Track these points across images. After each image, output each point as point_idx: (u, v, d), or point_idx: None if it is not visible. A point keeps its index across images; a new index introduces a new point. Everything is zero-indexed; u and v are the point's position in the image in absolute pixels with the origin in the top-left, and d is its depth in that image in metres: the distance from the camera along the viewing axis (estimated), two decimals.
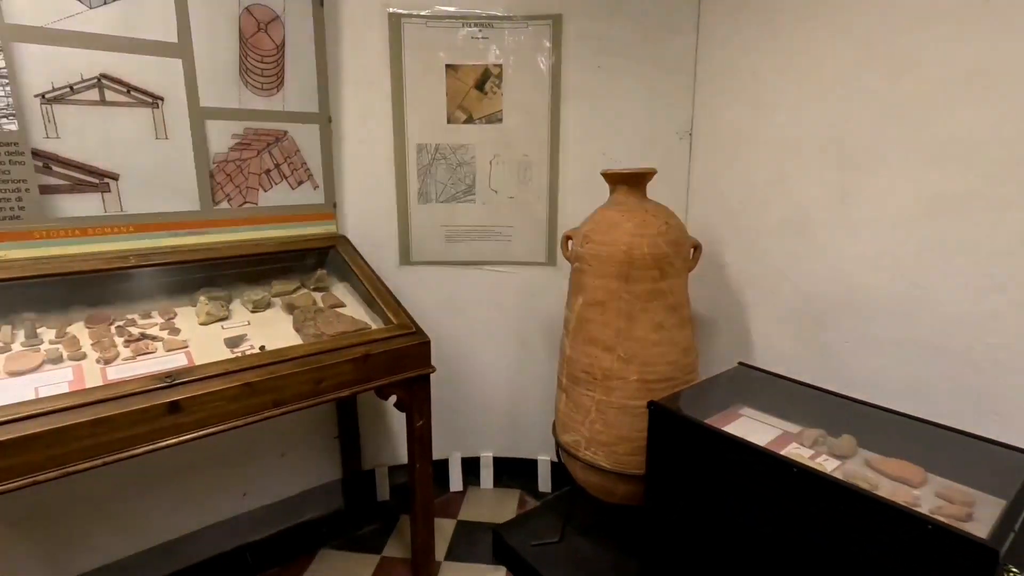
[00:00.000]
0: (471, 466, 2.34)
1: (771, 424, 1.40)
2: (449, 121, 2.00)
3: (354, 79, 1.90)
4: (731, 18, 1.79)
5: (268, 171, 1.77)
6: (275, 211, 1.80)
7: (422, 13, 1.90)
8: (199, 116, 1.61)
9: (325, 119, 1.85)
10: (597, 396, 1.58)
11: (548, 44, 1.93)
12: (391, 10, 1.89)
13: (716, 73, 1.86)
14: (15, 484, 1.00)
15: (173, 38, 1.53)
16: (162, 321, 1.50)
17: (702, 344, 1.91)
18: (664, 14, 1.90)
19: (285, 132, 1.78)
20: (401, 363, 1.50)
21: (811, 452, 1.25)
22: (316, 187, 1.87)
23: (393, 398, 1.55)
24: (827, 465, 1.18)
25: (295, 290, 1.76)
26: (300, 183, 1.84)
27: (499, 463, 2.33)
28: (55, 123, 1.41)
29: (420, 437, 1.60)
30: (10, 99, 1.34)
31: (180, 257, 1.60)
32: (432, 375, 1.57)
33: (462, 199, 2.07)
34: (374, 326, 1.60)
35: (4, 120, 1.34)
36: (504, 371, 2.23)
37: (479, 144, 2.02)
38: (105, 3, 1.42)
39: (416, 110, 1.98)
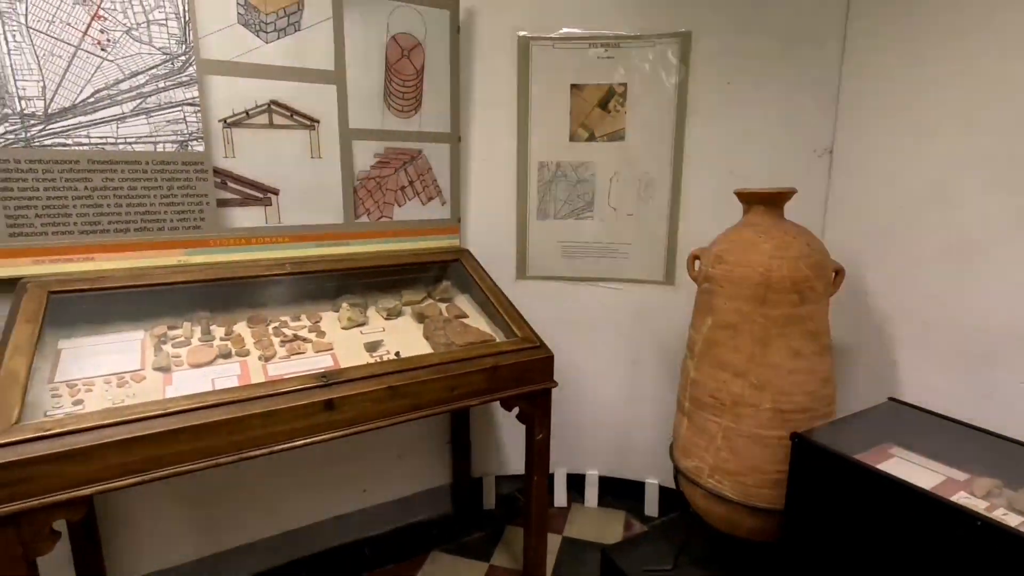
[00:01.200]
0: (576, 483, 2.32)
1: (930, 468, 1.27)
2: (571, 139, 2.03)
3: (483, 100, 1.99)
4: (888, 27, 1.67)
5: (403, 187, 1.88)
6: (407, 225, 1.91)
7: (550, 36, 1.95)
8: (348, 137, 1.75)
9: (455, 138, 1.94)
10: (724, 423, 1.52)
11: (675, 62, 1.91)
12: (521, 34, 1.96)
13: (865, 86, 1.75)
14: (202, 464, 1.13)
15: (330, 66, 1.68)
16: (309, 324, 1.64)
17: (838, 375, 1.78)
18: (805, 27, 1.81)
19: (420, 151, 1.89)
20: (526, 376, 1.53)
21: (985, 504, 1.13)
22: (444, 203, 1.97)
23: (516, 410, 1.58)
24: (1009, 520, 1.06)
25: (422, 300, 1.85)
26: (430, 199, 1.94)
27: (605, 482, 2.30)
28: (232, 144, 1.60)
29: (539, 451, 1.62)
30: (199, 124, 1.53)
31: (325, 266, 1.74)
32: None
33: (580, 216, 2.08)
34: (498, 338, 1.65)
35: (194, 142, 1.54)
36: (615, 389, 2.20)
37: (600, 162, 2.03)
38: (279, 38, 1.60)
39: (539, 129, 2.03)
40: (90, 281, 1.43)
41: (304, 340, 1.54)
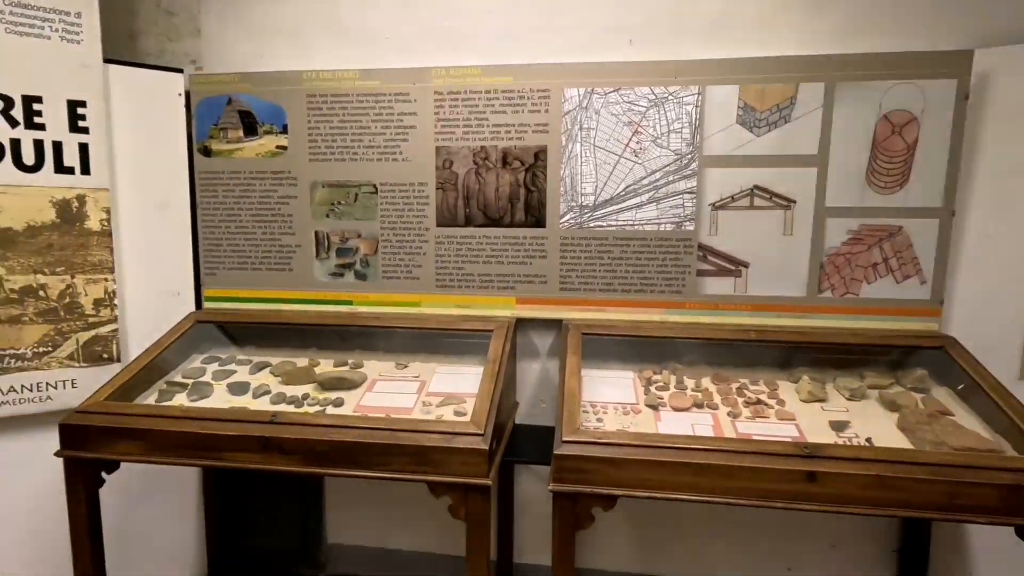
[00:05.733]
0: None
1: None
2: None
3: (991, 169, 1.74)
4: None
5: (875, 264, 1.81)
6: (875, 303, 1.82)
7: None
8: (821, 215, 1.81)
9: (948, 213, 1.76)
10: None
11: None
12: None
13: None
14: (696, 498, 1.34)
15: (814, 151, 1.78)
16: (767, 390, 1.74)
17: None
18: None
19: (900, 227, 1.78)
20: None
21: None
22: (924, 282, 1.79)
23: None
24: None
25: (889, 385, 1.72)
26: (906, 277, 1.80)
27: None
28: (717, 224, 1.86)
29: None
30: (694, 208, 1.85)
31: (787, 337, 1.81)
32: None
33: None
34: (1008, 449, 1.39)
35: (687, 223, 1.87)
36: None
37: None
38: (769, 131, 1.80)
39: None
40: (605, 327, 1.89)
41: (766, 405, 1.65)
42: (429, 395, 1.73)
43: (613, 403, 1.68)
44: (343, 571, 2.19)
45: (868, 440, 1.47)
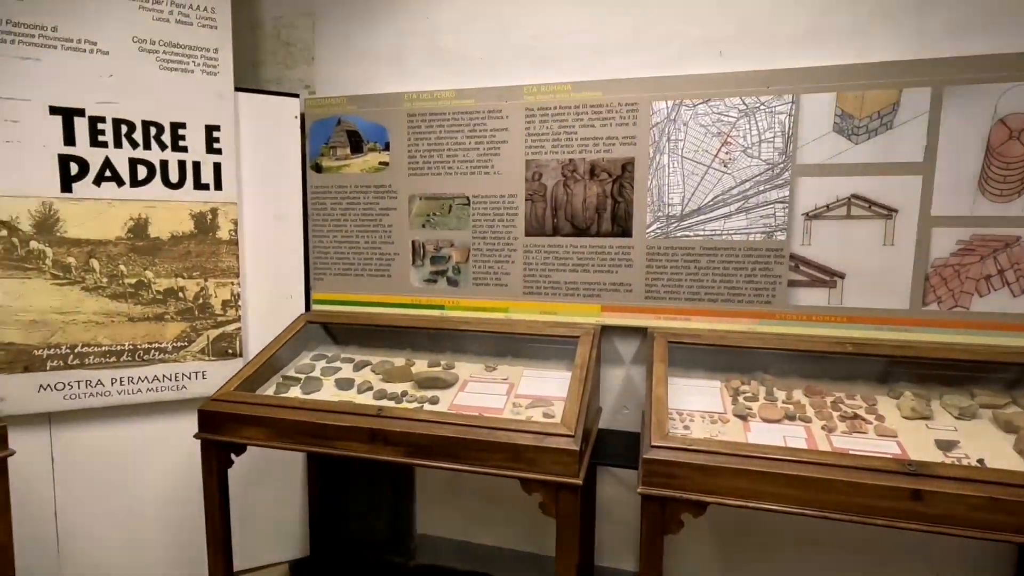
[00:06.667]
0: None
1: None
2: None
3: None
4: None
5: (988, 277, 1.71)
6: (988, 318, 1.72)
7: None
8: (927, 225, 1.73)
9: None
10: None
11: None
12: None
13: None
14: (788, 510, 1.34)
15: (918, 158, 1.72)
16: (865, 405, 1.68)
17: None
18: None
19: (1017, 237, 1.68)
20: None
21: None
22: None
23: None
24: None
25: (1005, 405, 1.62)
26: None
27: None
28: (809, 234, 1.83)
29: None
30: (785, 218, 1.83)
31: (885, 351, 1.75)
32: None
33: None
34: None
35: (778, 233, 1.85)
36: None
37: None
38: (869, 138, 1.75)
39: None
40: (691, 336, 1.90)
41: (864, 420, 1.60)
42: (518, 397, 1.81)
43: (700, 411, 1.69)
44: (431, 561, 2.31)
45: (980, 461, 1.39)
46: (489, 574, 2.23)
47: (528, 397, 1.80)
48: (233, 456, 1.78)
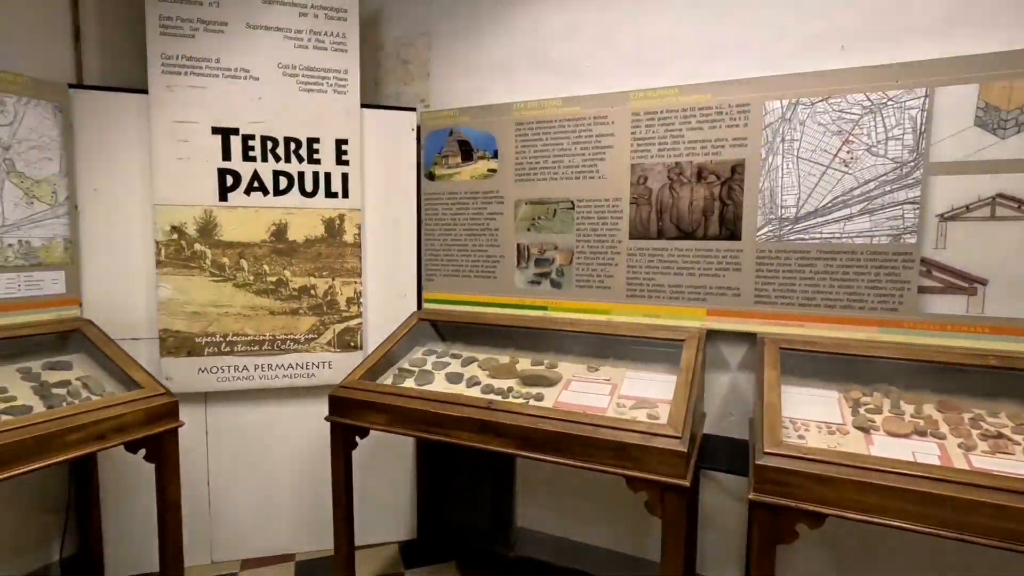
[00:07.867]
0: None
1: None
2: None
3: None
4: None
5: None
6: None
7: None
8: None
9: None
10: None
11: None
12: None
13: None
14: (920, 529, 1.26)
15: None
16: (1012, 424, 1.53)
17: None
18: None
19: None
20: None
21: None
22: None
23: None
24: None
25: None
26: None
27: None
28: (944, 236, 1.70)
29: None
30: (916, 219, 1.71)
31: None
32: None
33: None
34: None
35: (907, 235, 1.73)
36: None
37: None
38: (1019, 132, 1.60)
39: None
40: (804, 343, 1.82)
41: (1011, 440, 1.46)
42: (621, 398, 1.83)
43: (815, 421, 1.62)
44: (530, 555, 2.38)
45: None
46: (589, 572, 2.26)
47: (631, 398, 1.82)
48: (357, 438, 1.96)
